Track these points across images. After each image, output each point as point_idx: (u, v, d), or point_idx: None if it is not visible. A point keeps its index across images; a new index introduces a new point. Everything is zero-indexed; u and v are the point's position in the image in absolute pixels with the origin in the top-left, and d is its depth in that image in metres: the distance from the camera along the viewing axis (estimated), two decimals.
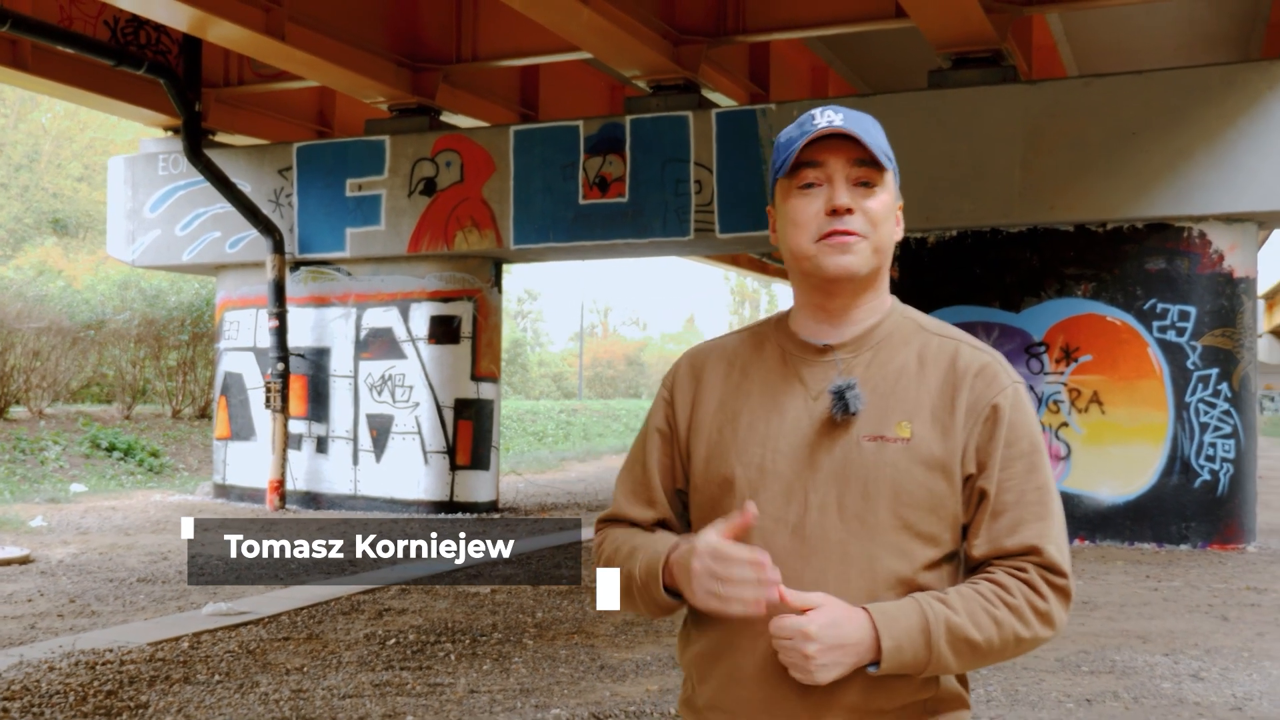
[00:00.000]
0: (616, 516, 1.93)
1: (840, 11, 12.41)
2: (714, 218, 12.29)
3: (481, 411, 13.70)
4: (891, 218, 1.82)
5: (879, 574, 1.72)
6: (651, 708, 5.42)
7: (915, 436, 1.74)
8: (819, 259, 1.77)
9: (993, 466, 1.75)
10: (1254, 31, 15.40)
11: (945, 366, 1.79)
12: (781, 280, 33.82)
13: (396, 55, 13.57)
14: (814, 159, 1.77)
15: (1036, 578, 1.73)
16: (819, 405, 1.78)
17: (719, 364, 1.90)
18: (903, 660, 1.66)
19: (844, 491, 1.73)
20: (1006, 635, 1.71)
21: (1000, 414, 1.76)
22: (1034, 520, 1.75)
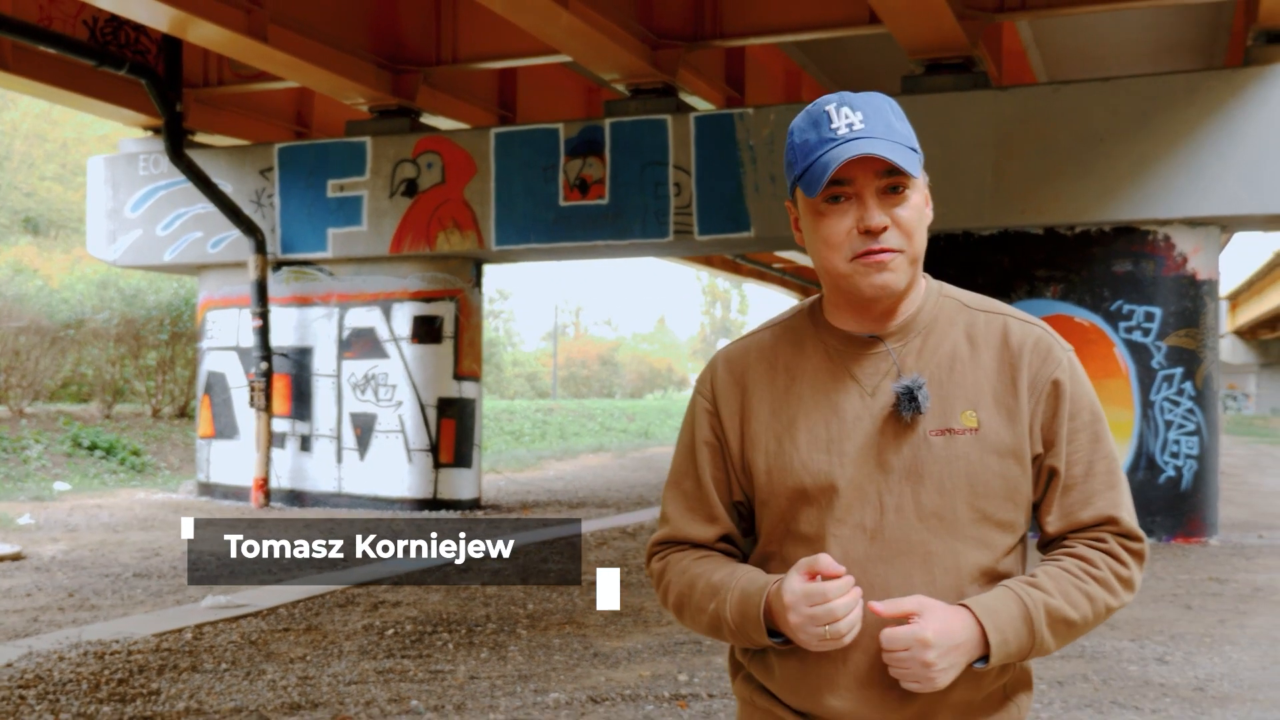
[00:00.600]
0: (674, 539, 1.86)
1: (816, 17, 12.68)
2: (693, 220, 12.54)
3: (464, 410, 13.91)
4: (925, 217, 1.77)
5: (964, 569, 1.71)
6: (646, 691, 5.66)
7: (983, 425, 1.72)
8: (855, 279, 1.72)
9: (1060, 443, 1.75)
10: (1217, 39, 15.79)
11: (998, 345, 1.77)
12: (752, 280, 34.11)
13: (377, 57, 13.75)
14: (840, 177, 1.70)
15: (1116, 546, 1.75)
16: (878, 401, 1.75)
17: (760, 366, 1.84)
18: (1009, 651, 1.66)
19: (918, 490, 1.71)
20: (1099, 608, 1.73)
21: (1061, 389, 1.75)
22: (1105, 490, 1.77)
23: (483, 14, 13.31)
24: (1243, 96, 10.91)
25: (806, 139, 1.74)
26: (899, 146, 1.70)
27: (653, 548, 1.91)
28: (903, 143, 1.72)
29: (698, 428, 1.86)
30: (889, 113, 1.75)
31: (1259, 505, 14.82)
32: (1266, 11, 10.73)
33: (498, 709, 5.38)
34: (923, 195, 1.77)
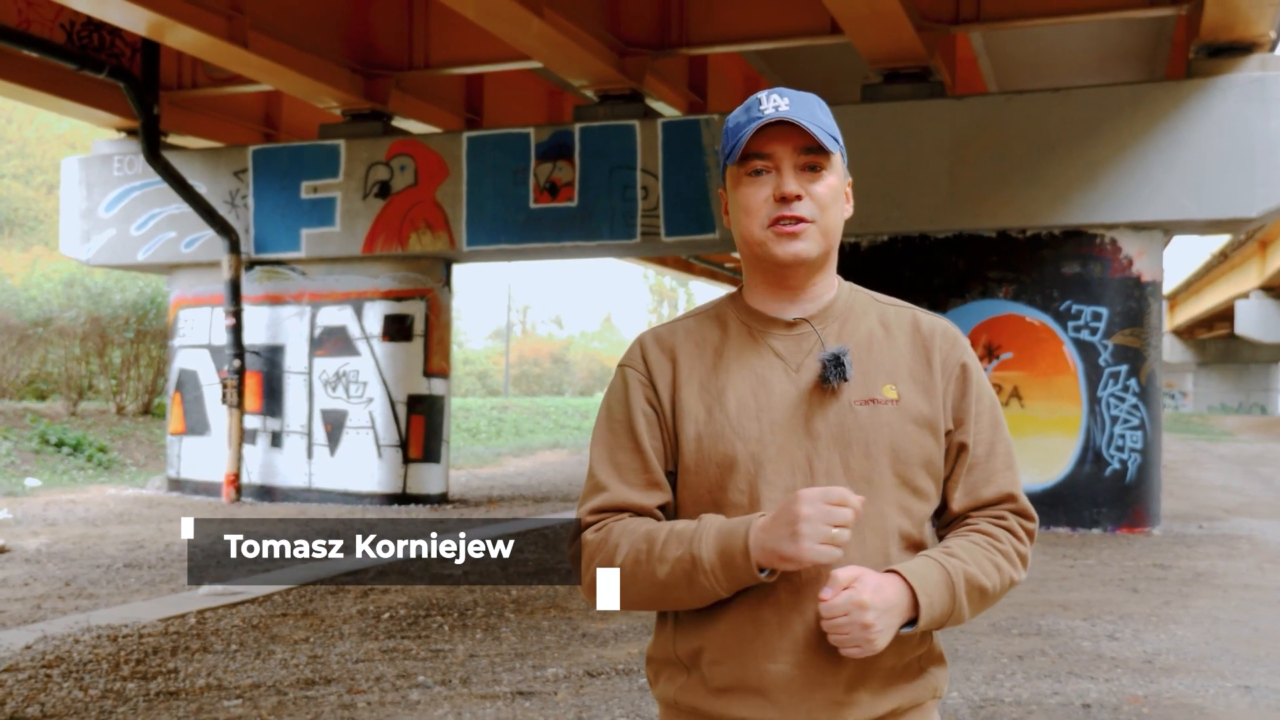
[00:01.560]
0: (614, 506, 1.85)
1: (780, 27, 13.12)
2: (659, 222, 12.95)
3: (433, 407, 14.23)
4: (840, 199, 1.87)
5: (889, 531, 1.79)
6: (636, 666, 6.06)
7: (903, 397, 1.83)
8: (769, 245, 1.82)
9: (969, 421, 1.86)
10: (1159, 49, 16.42)
11: (910, 330, 1.89)
12: (701, 279, 34.57)
13: (350, 62, 14.03)
14: (761, 149, 1.82)
15: (1015, 524, 1.86)
16: (803, 375, 1.83)
17: (688, 344, 1.91)
18: (934, 615, 1.73)
19: (847, 455, 1.80)
20: (1004, 580, 1.82)
21: (969, 372, 1.88)
22: (1004, 469, 1.87)
23: (454, 20, 13.65)
24: (1185, 107, 11.47)
25: (738, 121, 1.85)
26: (818, 128, 1.80)
27: (587, 518, 1.86)
28: (824, 131, 1.81)
29: (633, 399, 1.88)
30: (815, 105, 1.85)
31: (1198, 498, 15.46)
32: (1208, 27, 11.28)
33: (500, 682, 5.76)
34: (841, 180, 1.87)
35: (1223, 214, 11.34)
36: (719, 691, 1.79)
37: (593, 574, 1.81)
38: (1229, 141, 11.27)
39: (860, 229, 12.39)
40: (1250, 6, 10.78)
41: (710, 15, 13.38)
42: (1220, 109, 11.36)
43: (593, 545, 1.82)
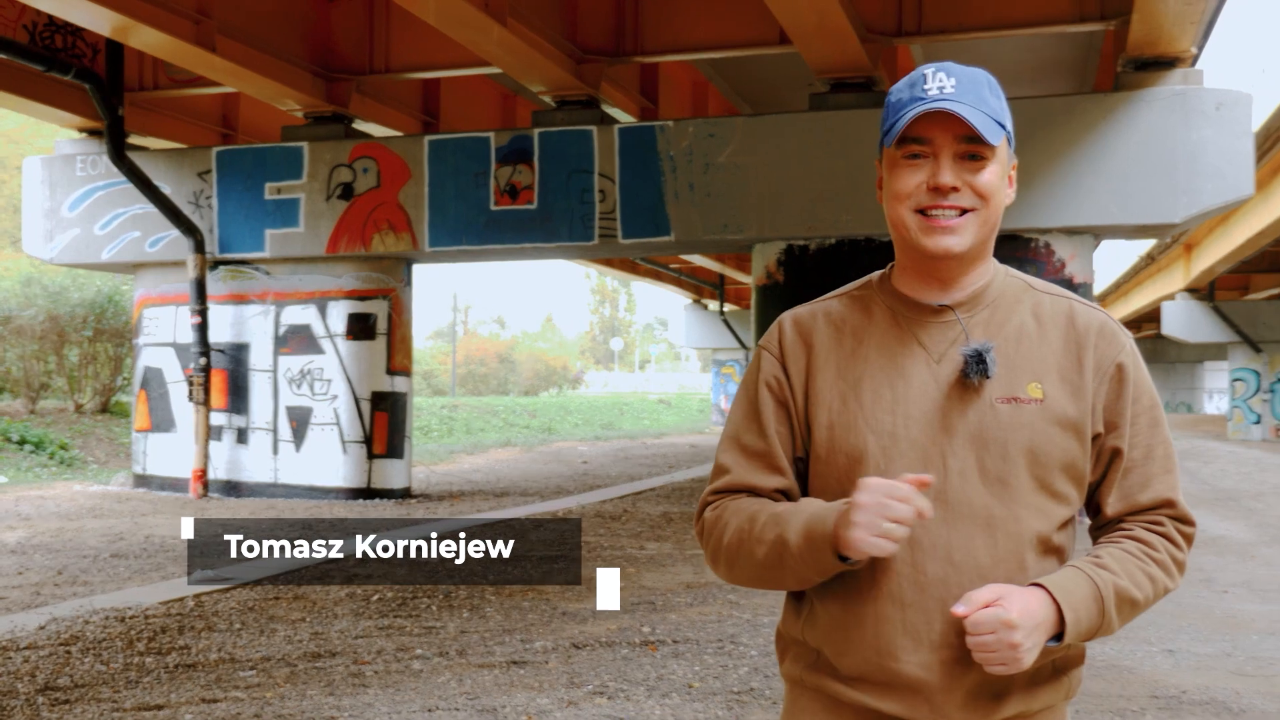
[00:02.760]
0: (734, 487, 1.84)
1: (731, 36, 13.66)
2: (617, 224, 13.44)
3: (396, 403, 14.64)
4: (1003, 188, 1.80)
5: (1024, 535, 1.72)
6: (618, 640, 6.57)
7: (1048, 397, 1.75)
8: (918, 235, 1.77)
9: (1123, 425, 1.78)
10: (1089, 60, 17.18)
11: (1064, 325, 1.80)
12: (645, 279, 35.13)
13: (313, 65, 14.37)
14: (920, 134, 1.75)
15: (1173, 530, 1.79)
16: (944, 368, 1.77)
17: (827, 329, 1.86)
18: (1080, 630, 1.68)
19: (983, 455, 1.73)
20: (1158, 589, 1.75)
21: (1125, 373, 1.79)
22: (1163, 474, 1.80)
23: (414, 26, 14.05)
24: (1113, 118, 12.16)
25: (900, 97, 1.78)
26: (982, 115, 1.73)
27: (708, 498, 1.86)
28: (990, 114, 1.75)
29: (763, 384, 1.86)
30: (984, 86, 1.77)
31: None
32: (1134, 43, 11.97)
33: (494, 654, 6.24)
34: (1003, 170, 1.80)
35: (1149, 219, 12.04)
36: (846, 680, 1.77)
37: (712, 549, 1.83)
38: (1154, 151, 11.97)
39: (810, 232, 12.96)
40: (1173, 24, 11.47)
41: (664, 25, 13.89)
42: (1146, 120, 12.06)
43: (709, 524, 1.83)
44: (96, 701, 5.27)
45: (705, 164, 13.15)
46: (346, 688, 5.54)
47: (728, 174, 13.11)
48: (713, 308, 39.66)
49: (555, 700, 5.32)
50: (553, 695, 5.40)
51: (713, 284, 37.05)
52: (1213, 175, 11.91)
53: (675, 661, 6.09)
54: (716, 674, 5.84)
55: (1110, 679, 5.83)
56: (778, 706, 5.29)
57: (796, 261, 13.22)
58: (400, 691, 5.46)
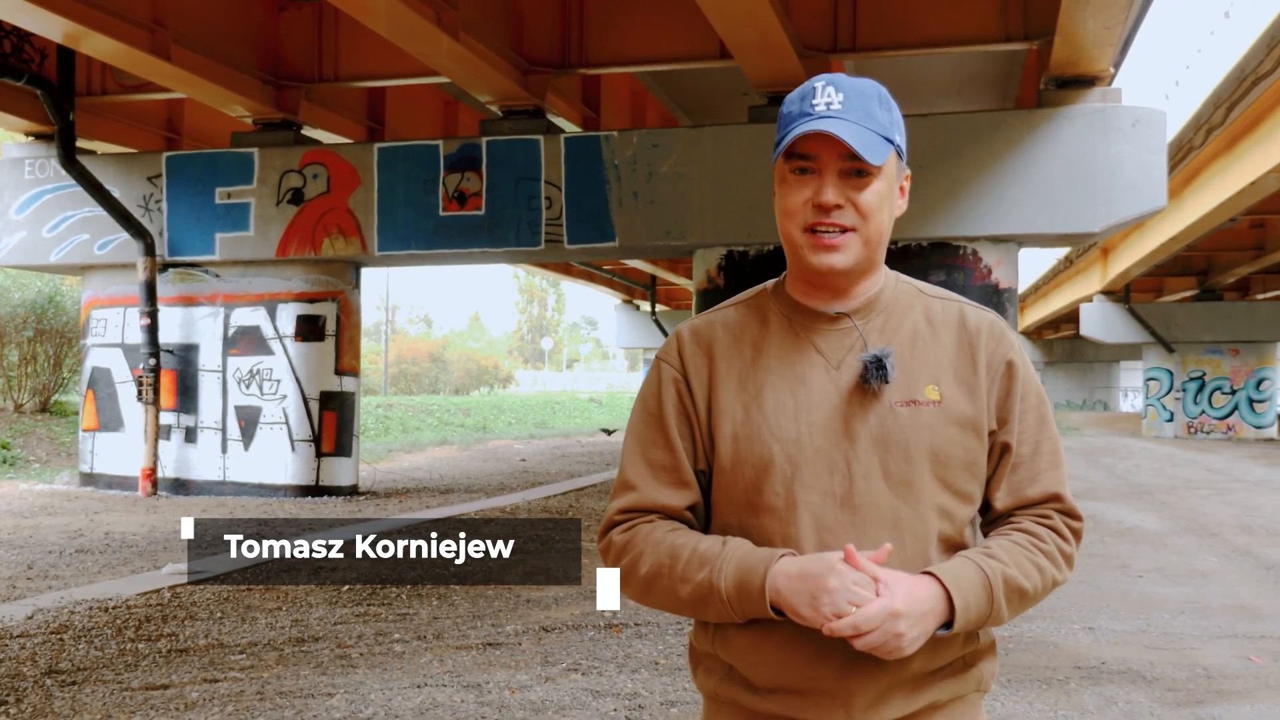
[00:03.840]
0: (641, 507, 1.83)
1: (673, 50, 14.14)
2: (563, 230, 13.88)
3: (344, 403, 14.96)
4: (887, 205, 1.79)
5: (930, 535, 1.75)
6: (583, 623, 7.03)
7: (945, 398, 1.78)
8: (805, 252, 1.78)
9: (1013, 420, 1.81)
10: (1013, 75, 17.91)
11: (956, 327, 1.83)
12: (575, 279, 35.52)
13: (263, 73, 14.64)
14: (805, 150, 1.75)
15: (1060, 524, 1.81)
16: (843, 374, 1.78)
17: (726, 339, 1.86)
18: (970, 618, 1.69)
19: (886, 458, 1.75)
20: (1046, 580, 1.77)
21: (1015, 370, 1.82)
22: (1050, 469, 1.82)
23: (363, 36, 14.37)
24: (1037, 133, 12.84)
25: (790, 110, 1.78)
26: (867, 132, 1.72)
27: (616, 516, 1.85)
28: (877, 130, 1.74)
29: (665, 395, 1.85)
30: (873, 100, 1.77)
31: None
32: (1056, 62, 12.64)
33: (469, 637, 6.67)
34: (890, 185, 1.79)
35: (1070, 229, 12.74)
36: (761, 691, 1.78)
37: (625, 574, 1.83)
38: (1075, 165, 12.66)
39: (749, 239, 13.51)
40: (1093, 45, 12.15)
41: (608, 38, 14.34)
42: (1068, 135, 12.75)
43: (618, 547, 1.82)
44: (103, 683, 5.62)
45: (649, 173, 13.65)
46: (336, 668, 5.94)
47: (670, 183, 13.61)
48: (644, 308, 40.12)
49: (533, 677, 5.77)
50: (530, 673, 5.85)
51: (644, 285, 37.50)
52: (1129, 188, 12.63)
53: (639, 642, 6.57)
54: (679, 652, 6.34)
55: (1038, 653, 6.41)
56: None
57: (736, 266, 13.75)
58: (387, 671, 5.88)
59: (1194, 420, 34.40)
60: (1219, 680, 5.88)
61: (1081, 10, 11.04)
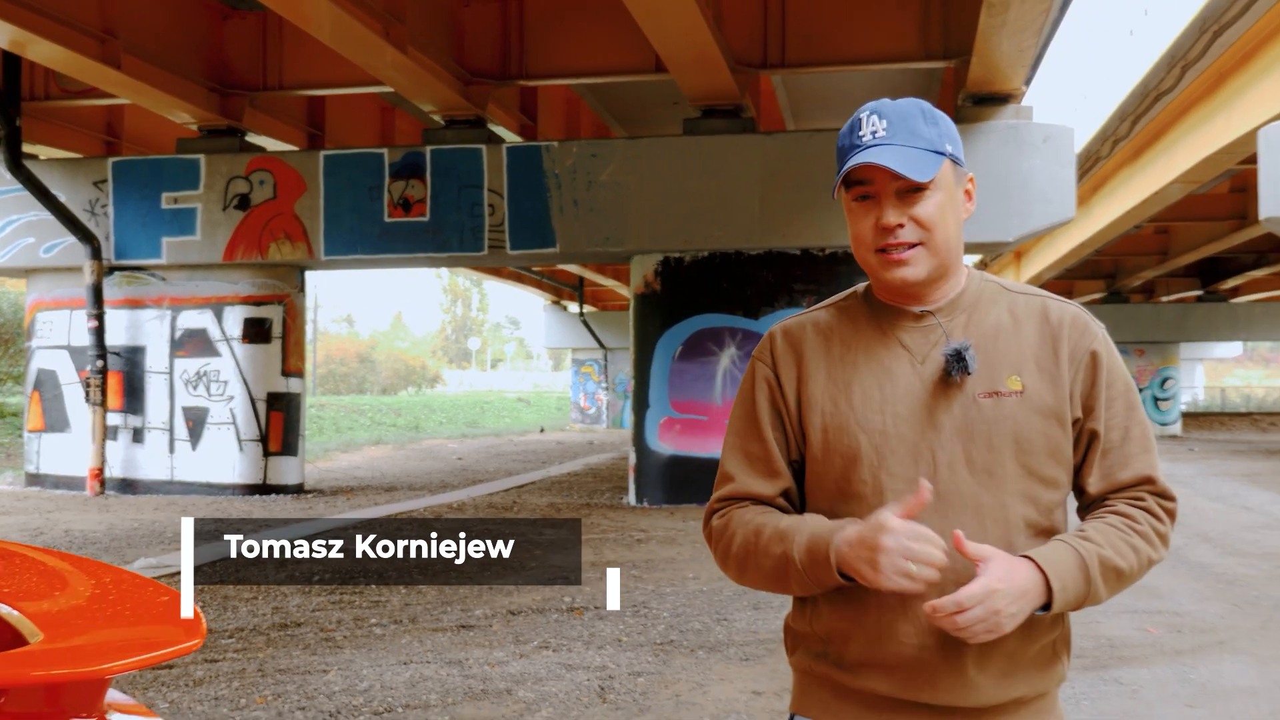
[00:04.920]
0: (737, 495, 1.95)
1: (610, 63, 14.72)
2: (505, 236, 14.41)
3: (291, 404, 15.35)
4: (949, 214, 1.86)
5: (1012, 521, 1.82)
6: (547, 607, 7.59)
7: (1027, 388, 1.84)
8: (880, 271, 1.87)
9: (1099, 408, 1.87)
10: (931, 89, 18.74)
11: (1038, 320, 1.90)
12: (503, 280, 35.92)
13: (208, 81, 14.97)
14: (861, 177, 1.85)
15: (1154, 504, 1.86)
16: (928, 368, 1.87)
17: (816, 338, 1.95)
18: (1067, 599, 1.75)
19: (969, 447, 1.82)
20: (1142, 560, 1.83)
21: (1099, 359, 1.88)
22: (1141, 453, 1.88)
23: (307, 45, 14.74)
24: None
25: (843, 144, 1.89)
26: (913, 151, 1.81)
27: (715, 504, 1.97)
28: (924, 147, 1.83)
29: (758, 392, 1.97)
30: (917, 118, 1.86)
31: None
32: (973, 80, 13.43)
33: (442, 621, 7.20)
34: (949, 192, 1.86)
35: (988, 239, 13.55)
36: (851, 666, 1.86)
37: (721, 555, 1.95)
38: (992, 178, 13.46)
39: (685, 245, 14.14)
40: (1007, 65, 12.95)
41: (547, 50, 14.88)
42: (985, 150, 13.55)
43: (717, 531, 1.95)
44: None
45: (588, 181, 14.23)
46: (324, 649, 6.45)
47: (609, 191, 14.20)
48: (572, 309, 40.61)
49: (508, 654, 6.33)
50: (505, 650, 6.41)
51: (573, 286, 37.99)
52: (1041, 200, 13.47)
53: (601, 623, 7.15)
54: (639, 631, 6.93)
55: None
56: (696, 655, 6.39)
57: (672, 272, 14.37)
58: (372, 651, 6.39)
59: None
60: (1121, 648, 6.61)
61: (997, 34, 11.80)
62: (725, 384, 14.16)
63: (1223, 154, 16.32)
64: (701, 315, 14.19)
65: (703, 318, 14.18)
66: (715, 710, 5.30)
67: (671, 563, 9.61)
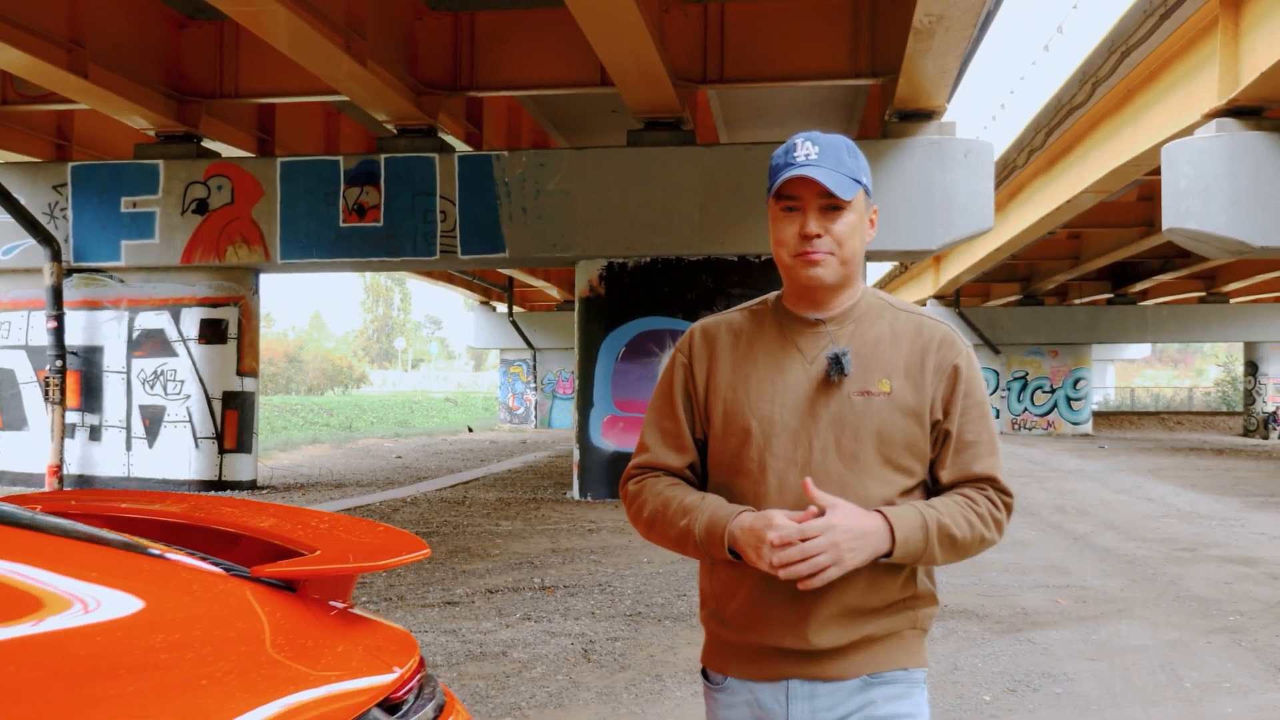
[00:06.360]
0: (651, 465, 2.24)
1: (557, 76, 15.41)
2: (457, 242, 15.06)
3: (245, 402, 15.85)
4: (858, 233, 2.13)
5: (870, 500, 2.06)
6: (520, 587, 8.30)
7: (894, 391, 2.10)
8: (795, 270, 2.13)
9: (955, 413, 2.13)
10: (858, 102, 19.69)
11: (913, 335, 2.16)
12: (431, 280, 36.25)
13: (165, 87, 15.41)
14: (790, 192, 2.09)
15: (994, 495, 2.13)
16: (815, 368, 2.12)
17: (728, 336, 2.24)
18: (908, 550, 2.01)
19: (840, 436, 2.08)
20: (976, 534, 2.09)
21: (959, 372, 2.15)
22: (988, 455, 2.15)
23: (262, 54, 15.20)
24: (883, 161, 14.51)
25: (777, 161, 2.13)
26: (839, 175, 2.07)
27: (631, 470, 2.27)
28: (846, 174, 2.08)
29: (675, 378, 2.26)
30: (843, 150, 2.11)
31: None
32: (900, 97, 14.32)
33: (427, 598, 7.88)
34: (860, 216, 2.14)
35: (912, 246, 14.46)
36: (730, 620, 2.17)
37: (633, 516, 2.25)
38: (916, 190, 14.37)
39: (629, 251, 14.89)
40: (931, 85, 13.85)
41: (497, 63, 15.53)
42: (909, 163, 14.46)
43: (631, 494, 2.25)
44: None
45: (536, 190, 14.92)
46: None
47: (556, 199, 14.91)
48: (501, 309, 41.00)
49: (495, 624, 7.03)
50: (491, 622, 7.11)
51: (502, 286, 38.40)
52: (962, 211, 14.41)
53: (573, 599, 7.88)
54: (609, 605, 7.67)
55: None
56: (664, 624, 7.15)
57: (616, 277, 15.11)
58: None
59: (1017, 417, 37.01)
60: (1034, 616, 7.48)
61: (922, 56, 12.69)
62: None
63: (1130, 166, 17.38)
64: (643, 318, 14.95)
65: (645, 320, 14.93)
66: (686, 667, 6.05)
67: (625, 549, 10.35)
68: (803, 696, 2.10)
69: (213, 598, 2.10)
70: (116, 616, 1.90)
